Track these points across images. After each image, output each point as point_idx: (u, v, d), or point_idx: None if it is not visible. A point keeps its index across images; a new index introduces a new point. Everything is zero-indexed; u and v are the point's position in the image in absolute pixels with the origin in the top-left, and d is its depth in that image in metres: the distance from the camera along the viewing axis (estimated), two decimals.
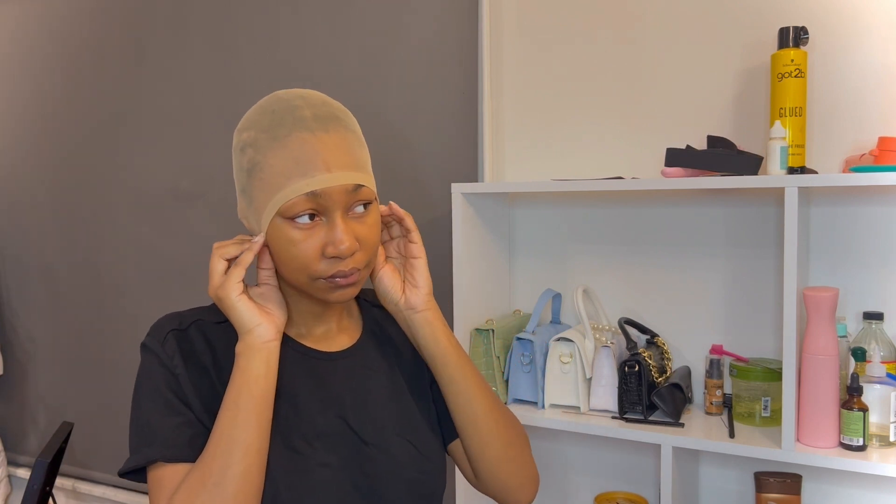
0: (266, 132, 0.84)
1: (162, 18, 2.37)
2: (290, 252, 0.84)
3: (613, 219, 1.74)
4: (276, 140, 0.83)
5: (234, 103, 2.25)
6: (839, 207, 1.51)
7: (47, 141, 2.65)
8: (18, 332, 2.79)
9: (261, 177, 0.84)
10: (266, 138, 0.84)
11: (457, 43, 1.88)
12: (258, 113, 0.88)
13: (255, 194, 0.85)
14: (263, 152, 0.84)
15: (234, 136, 0.89)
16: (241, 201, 0.88)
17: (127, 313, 2.51)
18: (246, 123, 0.88)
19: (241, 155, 0.87)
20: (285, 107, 0.86)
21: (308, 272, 0.84)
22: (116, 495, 2.55)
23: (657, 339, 1.64)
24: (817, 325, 1.33)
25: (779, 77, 1.43)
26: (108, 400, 2.57)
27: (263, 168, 0.83)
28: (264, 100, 0.90)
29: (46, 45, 2.63)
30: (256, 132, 0.85)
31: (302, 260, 0.84)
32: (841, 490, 1.52)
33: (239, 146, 0.87)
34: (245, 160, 0.86)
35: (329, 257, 0.83)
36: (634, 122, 1.72)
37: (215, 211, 2.31)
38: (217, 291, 0.86)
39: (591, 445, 1.79)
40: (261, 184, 0.84)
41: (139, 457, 0.85)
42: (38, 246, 2.70)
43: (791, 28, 1.43)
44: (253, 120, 0.87)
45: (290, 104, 0.86)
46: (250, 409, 0.83)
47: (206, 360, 0.90)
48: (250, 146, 0.85)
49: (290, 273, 0.86)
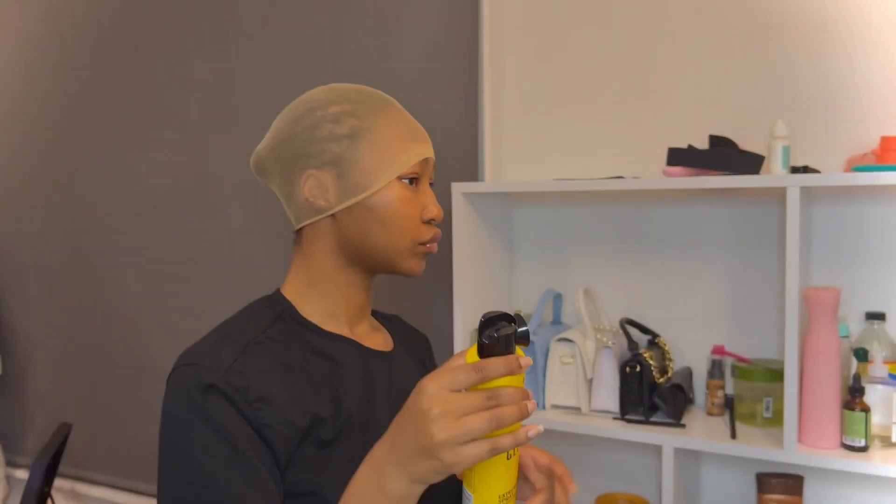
0: (364, 104, 0.89)
1: (162, 18, 2.37)
2: (402, 210, 0.88)
3: (614, 219, 1.73)
4: (378, 110, 0.89)
5: (234, 103, 2.24)
6: (841, 207, 1.50)
7: (46, 140, 2.64)
8: (16, 332, 2.78)
9: (371, 139, 0.87)
10: (367, 108, 0.89)
11: (457, 43, 1.88)
12: (336, 92, 0.90)
13: (362, 157, 0.87)
14: (372, 118, 0.88)
15: (306, 116, 0.89)
16: (320, 175, 0.87)
17: (125, 314, 2.50)
18: (326, 101, 0.89)
19: (334, 125, 0.88)
20: (366, 89, 0.91)
21: (413, 233, 0.89)
22: (115, 496, 2.54)
23: (658, 340, 1.63)
24: (819, 325, 1.33)
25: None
26: (106, 400, 2.57)
27: (374, 131, 0.88)
28: (322, 87, 0.92)
29: (46, 45, 2.62)
30: (352, 105, 0.89)
31: (411, 219, 0.89)
32: (843, 491, 1.52)
33: (328, 119, 0.88)
34: (344, 128, 0.88)
35: (426, 221, 0.90)
36: (635, 121, 1.71)
37: (215, 211, 2.30)
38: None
39: (592, 446, 1.79)
40: (371, 146, 0.87)
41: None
42: (36, 246, 2.70)
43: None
44: (335, 97, 0.89)
45: (365, 88, 0.92)
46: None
47: (295, 365, 0.85)
48: (350, 115, 0.88)
49: (396, 236, 0.88)
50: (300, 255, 0.92)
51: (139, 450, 2.51)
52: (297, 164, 0.89)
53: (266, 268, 2.22)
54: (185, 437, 0.77)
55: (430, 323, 1.94)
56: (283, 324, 0.88)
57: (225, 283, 2.29)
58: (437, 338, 1.93)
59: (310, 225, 0.91)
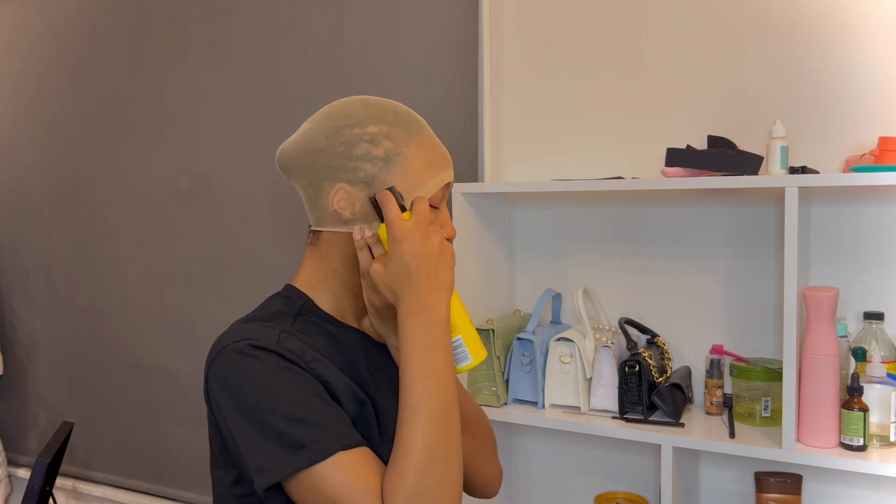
0: (400, 127, 0.93)
1: (162, 18, 2.37)
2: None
3: (613, 219, 1.74)
4: (412, 135, 0.93)
5: (234, 103, 2.25)
6: (840, 207, 1.51)
7: (47, 141, 2.65)
8: (18, 331, 2.79)
9: (404, 164, 0.92)
10: (402, 132, 0.93)
11: (457, 43, 1.88)
12: (374, 109, 0.94)
13: (393, 180, 0.91)
14: (405, 143, 0.92)
15: (344, 131, 0.92)
16: (352, 191, 0.91)
17: (127, 313, 2.51)
18: (363, 119, 0.93)
19: (370, 146, 0.91)
20: (400, 109, 0.95)
21: None
22: (116, 495, 2.55)
23: (657, 339, 1.64)
24: (818, 325, 1.33)
25: None
26: (108, 400, 2.57)
27: (407, 157, 0.92)
28: (359, 100, 0.95)
29: (46, 45, 2.63)
30: (389, 126, 0.92)
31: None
32: (841, 490, 1.52)
33: (365, 138, 0.91)
34: (380, 150, 0.91)
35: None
36: (634, 121, 1.72)
37: (215, 211, 2.31)
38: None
39: (591, 445, 1.79)
40: (403, 171, 0.92)
41: (311, 454, 0.78)
42: (38, 246, 2.70)
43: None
44: (373, 115, 0.93)
45: (398, 107, 0.96)
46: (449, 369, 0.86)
47: (325, 353, 0.91)
48: (386, 138, 0.92)
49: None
50: (316, 256, 0.97)
51: (141, 449, 2.51)
52: (329, 175, 0.92)
53: (266, 267, 2.22)
54: (257, 379, 0.82)
55: None
56: (304, 317, 0.94)
57: (225, 283, 2.30)
58: None
59: (331, 231, 0.94)
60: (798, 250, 1.32)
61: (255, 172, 2.22)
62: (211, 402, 0.87)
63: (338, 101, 0.97)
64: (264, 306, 0.95)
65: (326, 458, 0.78)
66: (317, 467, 0.78)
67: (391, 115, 0.93)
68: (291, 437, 0.79)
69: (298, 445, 0.79)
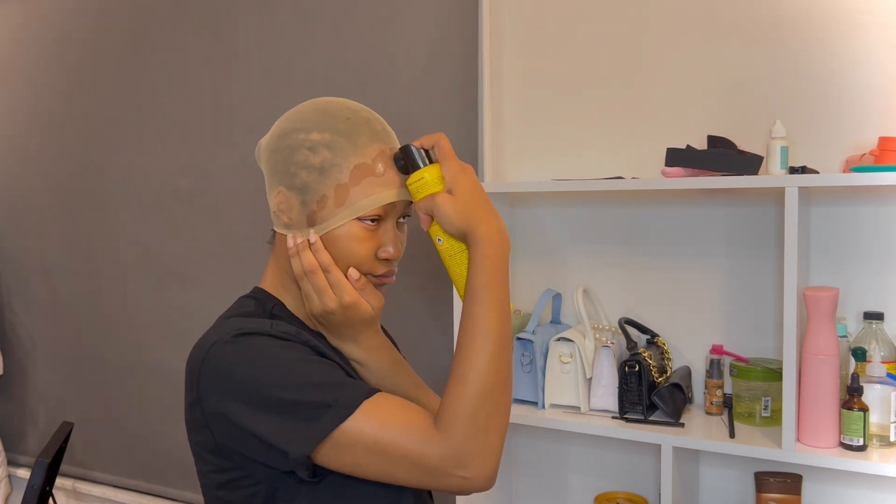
0: (345, 137, 0.89)
1: (162, 18, 2.37)
2: (355, 249, 0.89)
3: (614, 219, 1.74)
4: (357, 147, 0.89)
5: (234, 104, 2.25)
6: (839, 207, 1.51)
7: (47, 141, 2.65)
8: (18, 331, 2.79)
9: (338, 177, 0.88)
10: (346, 143, 0.89)
11: (457, 43, 1.88)
12: (326, 116, 0.90)
13: (326, 192, 0.88)
14: (344, 156, 0.88)
15: (292, 135, 0.91)
16: (289, 195, 0.90)
17: (127, 313, 2.51)
18: (312, 124, 0.90)
19: (309, 153, 0.89)
20: (357, 117, 0.91)
21: (365, 268, 0.91)
22: (116, 495, 2.55)
23: (657, 339, 1.64)
24: (817, 325, 1.33)
25: None
26: (108, 400, 2.57)
27: (343, 170, 0.88)
28: (322, 103, 0.92)
29: (46, 45, 2.63)
30: (332, 135, 0.89)
31: (363, 257, 0.90)
32: (841, 490, 1.52)
33: (306, 145, 0.89)
34: (317, 159, 0.89)
35: (381, 259, 0.91)
36: (634, 121, 1.72)
37: (215, 211, 2.31)
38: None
39: (591, 445, 1.79)
40: (337, 185, 0.88)
41: (338, 410, 0.78)
42: (38, 246, 2.70)
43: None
44: (321, 122, 0.90)
45: (359, 114, 0.92)
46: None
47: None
48: (325, 147, 0.89)
49: (345, 268, 0.90)
50: (274, 256, 0.97)
51: (140, 449, 2.51)
52: (274, 177, 0.92)
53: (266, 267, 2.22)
54: (264, 356, 0.82)
55: (430, 322, 1.95)
56: (278, 319, 0.93)
57: (225, 283, 2.30)
58: (437, 337, 1.94)
59: (281, 232, 0.94)
60: (798, 250, 1.32)
61: (255, 172, 2.22)
62: (202, 403, 0.84)
63: (312, 100, 0.96)
64: (238, 306, 0.95)
65: (355, 410, 0.78)
66: (348, 421, 0.77)
67: (342, 124, 0.90)
68: (313, 403, 0.78)
69: (324, 406, 0.78)
